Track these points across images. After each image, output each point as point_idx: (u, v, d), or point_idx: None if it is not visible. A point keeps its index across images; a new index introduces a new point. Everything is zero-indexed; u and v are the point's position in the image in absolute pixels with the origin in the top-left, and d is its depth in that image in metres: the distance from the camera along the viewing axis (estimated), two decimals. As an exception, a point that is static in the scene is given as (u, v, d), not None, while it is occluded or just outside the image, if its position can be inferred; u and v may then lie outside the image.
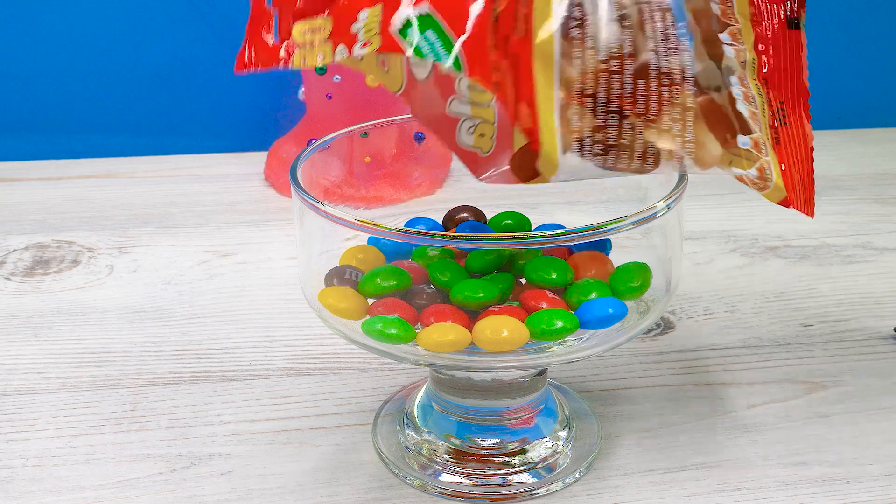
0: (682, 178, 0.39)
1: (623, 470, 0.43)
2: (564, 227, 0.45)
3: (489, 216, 0.46)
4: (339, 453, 0.44)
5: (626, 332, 0.39)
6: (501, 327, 0.37)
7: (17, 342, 0.54)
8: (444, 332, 0.37)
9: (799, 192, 0.38)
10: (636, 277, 0.40)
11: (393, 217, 0.47)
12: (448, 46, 0.34)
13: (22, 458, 0.44)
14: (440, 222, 0.46)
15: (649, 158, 0.35)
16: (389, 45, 0.35)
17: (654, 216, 0.37)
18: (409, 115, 0.49)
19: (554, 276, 0.40)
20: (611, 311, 0.38)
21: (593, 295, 0.39)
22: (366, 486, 0.42)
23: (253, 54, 0.39)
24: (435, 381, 0.44)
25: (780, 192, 0.37)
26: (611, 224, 0.36)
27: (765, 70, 0.37)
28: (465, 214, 0.46)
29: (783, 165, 0.37)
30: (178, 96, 0.81)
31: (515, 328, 0.37)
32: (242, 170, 0.77)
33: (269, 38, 0.38)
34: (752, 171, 0.36)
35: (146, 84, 0.80)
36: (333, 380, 0.50)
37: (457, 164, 0.40)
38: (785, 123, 0.37)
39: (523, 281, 0.41)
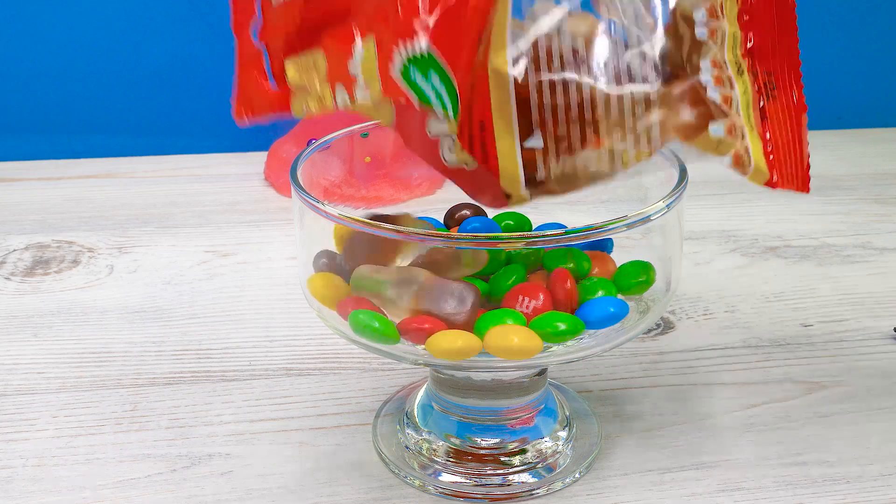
0: (682, 178, 0.39)
1: (623, 470, 0.43)
2: (565, 227, 0.45)
3: (489, 216, 0.46)
4: (339, 453, 0.44)
5: (626, 332, 0.39)
6: (512, 335, 0.37)
7: (17, 342, 0.54)
8: (452, 340, 0.37)
9: (788, 169, 0.36)
10: (640, 273, 0.40)
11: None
12: (453, 94, 0.33)
13: (22, 458, 0.44)
14: (441, 222, 0.46)
15: (617, 160, 0.35)
16: (392, 90, 0.34)
17: (654, 216, 0.37)
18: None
19: (571, 265, 0.40)
20: (612, 309, 0.38)
21: (600, 293, 0.39)
22: (366, 486, 0.42)
23: (251, 101, 0.37)
24: (435, 381, 0.44)
25: (763, 175, 0.36)
26: (611, 224, 0.36)
27: (750, 44, 0.36)
28: (466, 212, 0.46)
29: (769, 145, 0.36)
30: (178, 96, 0.81)
31: (527, 337, 0.37)
32: (242, 170, 0.77)
33: (265, 82, 0.37)
34: (727, 159, 0.36)
35: (146, 84, 0.80)
36: (333, 380, 0.50)
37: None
38: (773, 97, 0.36)
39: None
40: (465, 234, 0.44)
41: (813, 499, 0.42)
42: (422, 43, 0.33)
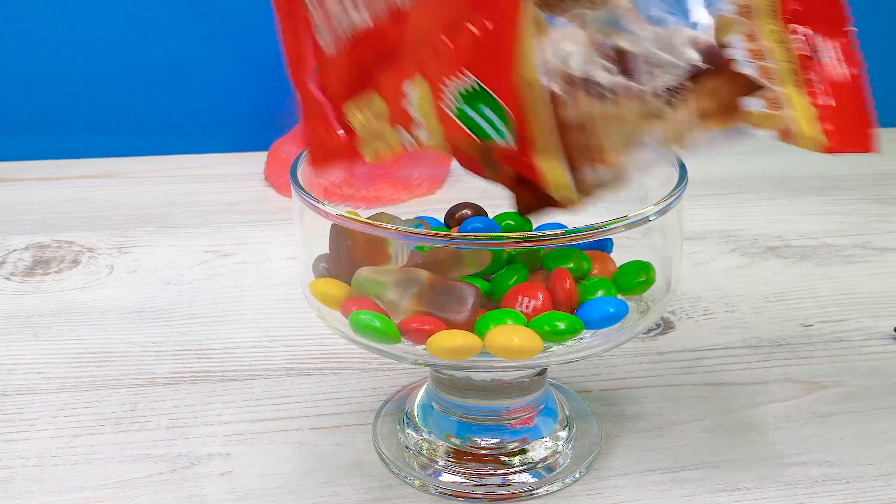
0: (683, 178, 0.39)
1: (623, 470, 0.43)
2: (565, 227, 0.45)
3: (490, 216, 0.46)
4: (339, 453, 0.44)
5: (626, 332, 0.39)
6: (512, 335, 0.37)
7: (17, 342, 0.54)
8: (452, 339, 0.37)
9: (846, 132, 0.35)
10: (640, 273, 0.40)
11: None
12: (505, 121, 0.33)
13: (22, 458, 0.44)
14: (441, 222, 0.46)
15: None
16: (453, 132, 0.34)
17: (654, 216, 0.37)
18: None
19: (571, 265, 0.40)
20: (611, 309, 0.38)
21: (599, 293, 0.39)
22: (366, 486, 0.42)
23: (326, 151, 0.37)
24: (435, 381, 0.44)
25: (815, 142, 0.34)
26: (610, 224, 0.36)
27: (794, 6, 0.34)
28: (467, 211, 0.46)
29: (819, 110, 0.34)
30: (178, 96, 0.81)
31: (527, 337, 0.37)
32: (242, 170, 0.77)
33: (335, 132, 0.37)
34: (772, 133, 0.35)
35: (146, 84, 0.80)
36: (333, 380, 0.50)
37: (457, 164, 0.40)
38: (820, 59, 0.35)
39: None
40: (465, 233, 0.44)
41: (813, 499, 0.42)
42: (468, 76, 0.33)
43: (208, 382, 0.50)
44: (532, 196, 0.37)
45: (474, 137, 0.34)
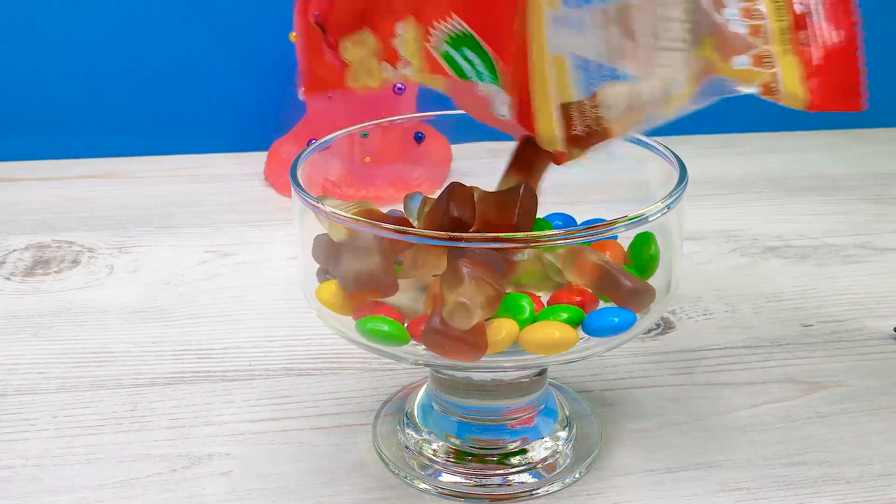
0: (682, 178, 0.39)
1: (623, 470, 0.43)
2: (574, 220, 0.45)
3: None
4: (339, 453, 0.44)
5: (626, 333, 0.39)
6: (553, 330, 0.37)
7: (17, 342, 0.54)
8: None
9: (836, 90, 0.36)
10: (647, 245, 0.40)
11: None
12: (490, 67, 0.34)
13: (22, 458, 0.44)
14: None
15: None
16: (433, 67, 0.35)
17: (654, 216, 0.37)
18: (409, 115, 0.49)
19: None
20: (616, 320, 0.38)
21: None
22: (366, 486, 0.42)
23: (322, 78, 0.39)
24: (435, 381, 0.44)
25: (798, 100, 0.36)
26: (612, 224, 0.36)
27: None
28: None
29: (807, 67, 0.35)
30: (178, 96, 0.81)
31: (564, 330, 0.37)
32: (242, 170, 0.77)
33: (331, 58, 0.39)
34: (755, 88, 0.36)
35: (146, 84, 0.80)
36: (333, 380, 0.50)
37: (457, 165, 0.40)
38: (814, 16, 0.36)
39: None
40: (466, 234, 0.44)
41: (813, 499, 0.42)
42: (457, 22, 0.34)
43: (208, 382, 0.50)
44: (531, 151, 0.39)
45: (454, 76, 0.36)
